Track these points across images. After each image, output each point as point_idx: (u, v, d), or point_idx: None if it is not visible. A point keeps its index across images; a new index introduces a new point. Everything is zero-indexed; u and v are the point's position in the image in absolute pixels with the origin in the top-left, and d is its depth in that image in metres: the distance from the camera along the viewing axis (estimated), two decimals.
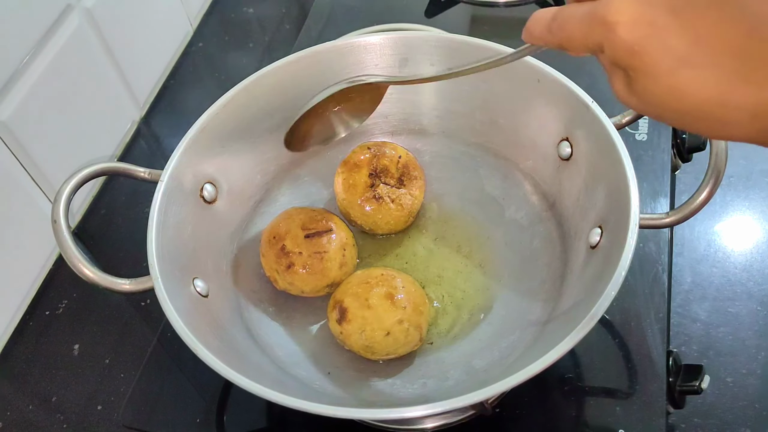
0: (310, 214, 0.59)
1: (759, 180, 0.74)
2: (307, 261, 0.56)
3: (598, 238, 0.53)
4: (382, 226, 0.61)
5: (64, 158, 0.69)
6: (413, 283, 0.56)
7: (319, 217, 0.58)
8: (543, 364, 0.42)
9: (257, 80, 0.60)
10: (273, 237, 0.57)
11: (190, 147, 0.57)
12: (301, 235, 0.57)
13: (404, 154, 0.62)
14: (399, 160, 0.61)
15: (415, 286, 0.56)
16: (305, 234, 0.57)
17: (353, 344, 0.53)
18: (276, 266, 0.57)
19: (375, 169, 0.60)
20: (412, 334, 0.53)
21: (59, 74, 0.67)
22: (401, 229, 0.62)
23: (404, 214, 0.60)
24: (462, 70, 0.44)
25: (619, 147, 0.51)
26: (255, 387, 0.44)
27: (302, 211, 0.59)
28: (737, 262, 0.67)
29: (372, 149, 0.61)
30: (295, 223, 0.58)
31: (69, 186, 0.52)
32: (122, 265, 0.70)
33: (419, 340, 0.54)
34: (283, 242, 0.57)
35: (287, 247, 0.56)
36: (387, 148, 0.61)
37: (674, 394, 0.56)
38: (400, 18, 0.86)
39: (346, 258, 0.58)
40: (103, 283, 0.50)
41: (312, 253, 0.56)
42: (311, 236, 0.56)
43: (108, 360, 0.64)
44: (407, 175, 0.61)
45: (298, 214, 0.59)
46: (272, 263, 0.57)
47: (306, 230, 0.57)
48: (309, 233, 0.57)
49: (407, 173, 0.61)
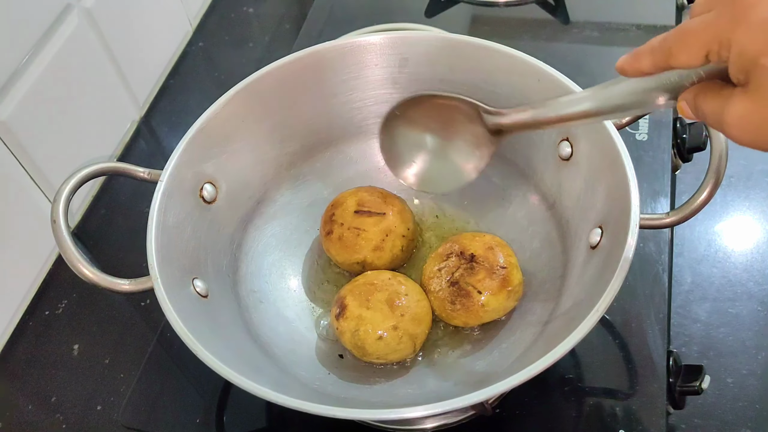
0: (376, 195, 0.60)
1: (759, 180, 0.74)
2: (344, 233, 0.58)
3: (599, 238, 0.53)
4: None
5: (63, 158, 0.69)
6: (419, 293, 0.55)
7: (381, 200, 0.60)
8: (543, 365, 0.42)
9: (257, 80, 0.60)
10: (332, 204, 0.61)
11: (190, 147, 0.57)
12: (353, 209, 0.59)
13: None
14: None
15: (421, 296, 0.55)
16: (356, 209, 0.59)
17: (347, 342, 0.54)
18: (322, 229, 0.61)
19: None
20: (405, 342, 0.53)
21: (59, 74, 0.67)
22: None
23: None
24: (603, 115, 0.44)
25: (619, 147, 0.51)
26: (255, 387, 0.44)
27: (372, 191, 0.61)
28: (738, 263, 0.67)
29: None
30: (356, 198, 0.60)
31: (68, 186, 0.52)
32: (122, 265, 0.70)
33: (413, 351, 0.54)
34: (335, 210, 0.60)
35: (335, 215, 0.60)
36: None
37: (674, 394, 0.56)
38: (400, 18, 0.86)
39: (385, 244, 0.58)
40: (102, 283, 0.50)
41: (351, 227, 0.58)
42: (360, 213, 0.59)
43: (108, 360, 0.64)
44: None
45: (365, 192, 0.61)
46: (321, 226, 0.61)
47: (360, 206, 0.59)
48: (360, 210, 0.59)
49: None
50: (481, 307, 0.54)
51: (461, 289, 0.54)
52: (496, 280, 0.54)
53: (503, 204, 0.63)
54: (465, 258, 0.55)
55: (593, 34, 0.83)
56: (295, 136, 0.64)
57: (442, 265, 0.56)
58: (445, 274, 0.55)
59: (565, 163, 0.59)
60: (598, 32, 0.83)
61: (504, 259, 0.55)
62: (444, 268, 0.56)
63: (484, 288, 0.54)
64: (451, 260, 0.55)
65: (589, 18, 0.85)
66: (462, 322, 0.55)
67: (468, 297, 0.54)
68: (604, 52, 0.81)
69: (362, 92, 0.64)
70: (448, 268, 0.55)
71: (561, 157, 0.59)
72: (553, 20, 0.86)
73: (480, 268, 0.54)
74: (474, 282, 0.54)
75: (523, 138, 0.62)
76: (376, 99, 0.64)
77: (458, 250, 0.56)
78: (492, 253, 0.55)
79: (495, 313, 0.54)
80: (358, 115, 0.65)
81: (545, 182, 0.61)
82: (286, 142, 0.64)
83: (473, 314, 0.54)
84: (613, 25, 0.84)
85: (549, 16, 0.86)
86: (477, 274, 0.54)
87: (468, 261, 0.55)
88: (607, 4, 0.88)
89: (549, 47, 0.82)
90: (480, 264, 0.54)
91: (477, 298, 0.53)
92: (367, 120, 0.66)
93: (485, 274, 0.54)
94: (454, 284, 0.54)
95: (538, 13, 0.86)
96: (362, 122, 0.66)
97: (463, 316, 0.54)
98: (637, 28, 0.83)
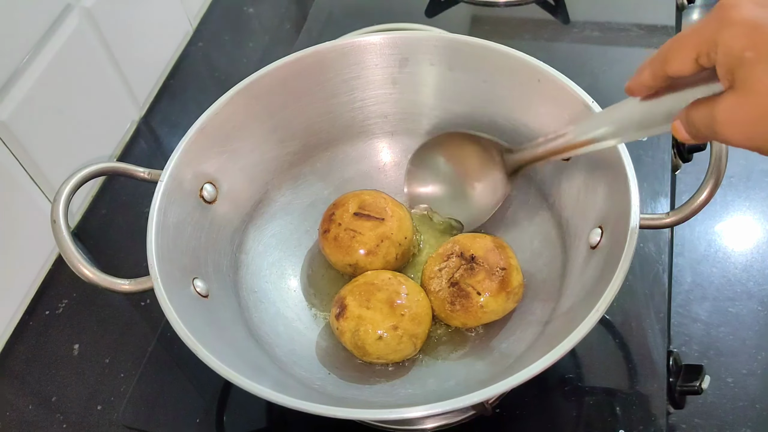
0: (380, 200, 0.60)
1: (759, 180, 0.74)
2: (340, 233, 0.58)
3: (598, 238, 0.53)
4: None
5: (63, 158, 0.69)
6: (420, 293, 0.55)
7: (383, 205, 0.59)
8: (543, 365, 0.42)
9: (257, 80, 0.60)
10: (334, 204, 0.61)
11: (190, 147, 0.57)
12: (354, 211, 0.59)
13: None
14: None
15: (421, 296, 0.55)
16: (356, 212, 0.59)
17: (347, 342, 0.54)
18: (320, 227, 0.61)
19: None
20: (405, 342, 0.53)
21: (59, 74, 0.67)
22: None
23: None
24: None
25: (619, 147, 0.51)
26: (255, 387, 0.44)
27: (377, 196, 0.61)
28: (738, 262, 0.67)
29: None
30: (358, 200, 0.60)
31: (68, 186, 0.52)
32: (122, 265, 0.70)
33: (413, 351, 0.54)
34: (335, 210, 0.60)
35: (335, 215, 0.59)
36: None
37: (675, 394, 0.56)
38: (400, 18, 0.86)
39: (379, 249, 0.58)
40: (102, 283, 0.50)
41: (348, 229, 0.58)
42: (359, 215, 0.58)
43: (108, 360, 0.64)
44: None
45: (369, 196, 0.60)
46: (321, 223, 0.61)
47: (360, 209, 0.59)
48: (360, 212, 0.59)
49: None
50: (480, 309, 0.54)
51: (461, 290, 0.54)
52: (495, 282, 0.54)
53: (503, 204, 0.63)
54: (465, 259, 0.55)
55: (593, 34, 0.83)
56: (295, 136, 0.64)
57: (443, 265, 0.56)
58: (445, 274, 0.55)
59: (565, 163, 0.59)
60: (599, 32, 0.83)
61: (504, 260, 0.55)
62: (444, 268, 0.56)
63: (484, 289, 0.53)
64: (451, 261, 0.55)
65: (589, 18, 0.85)
66: (461, 322, 0.55)
67: (467, 298, 0.54)
68: (604, 52, 0.81)
69: (362, 92, 0.64)
70: (448, 268, 0.55)
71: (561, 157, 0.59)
72: (553, 20, 0.85)
73: (480, 269, 0.54)
74: (474, 283, 0.54)
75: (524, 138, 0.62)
76: (377, 99, 0.64)
77: (459, 250, 0.56)
78: (492, 255, 0.55)
79: (494, 314, 0.54)
80: (358, 115, 0.65)
81: (545, 182, 0.61)
82: (286, 142, 0.64)
83: (472, 315, 0.54)
84: (614, 25, 0.84)
85: (549, 16, 0.86)
86: (477, 275, 0.54)
87: (468, 262, 0.55)
88: (608, 4, 0.88)
89: (549, 47, 0.82)
90: (480, 265, 0.54)
91: (476, 299, 0.53)
92: (368, 120, 0.66)
93: (485, 275, 0.54)
94: (453, 285, 0.54)
95: (538, 13, 0.86)
96: (363, 122, 0.66)
97: (462, 316, 0.54)
98: (638, 28, 0.83)
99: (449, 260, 0.56)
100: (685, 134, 0.37)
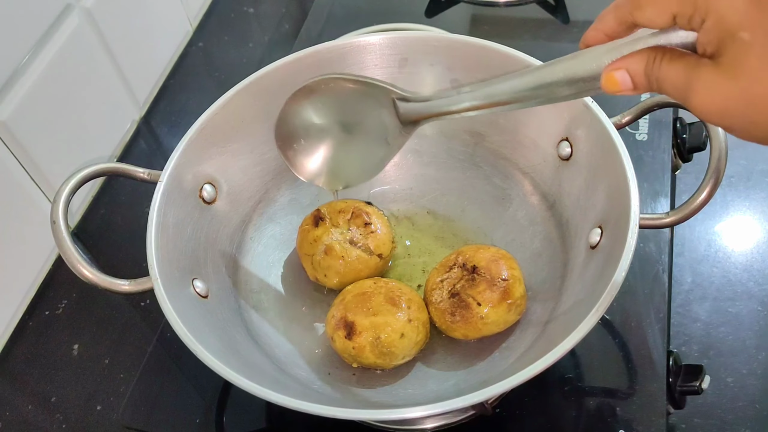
0: (364, 214, 0.59)
1: (759, 180, 0.74)
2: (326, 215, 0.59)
3: (598, 238, 0.53)
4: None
5: (63, 158, 0.69)
6: (405, 285, 0.57)
7: (369, 212, 0.59)
8: (543, 365, 0.42)
9: (257, 80, 0.60)
10: (333, 203, 0.61)
11: (190, 147, 0.57)
12: (345, 214, 0.59)
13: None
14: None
15: (407, 287, 0.56)
16: (349, 217, 0.59)
17: (368, 356, 0.52)
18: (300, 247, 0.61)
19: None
20: (421, 331, 0.53)
21: (59, 74, 0.67)
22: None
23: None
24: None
25: (619, 147, 0.51)
26: (255, 387, 0.44)
27: (370, 211, 0.60)
28: (738, 262, 0.67)
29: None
30: (351, 205, 0.60)
31: (68, 186, 0.52)
32: (122, 265, 0.70)
33: (426, 337, 0.54)
34: (322, 207, 0.60)
35: (321, 210, 0.60)
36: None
37: (674, 394, 0.56)
38: (400, 18, 0.86)
39: (347, 252, 0.57)
40: (102, 283, 0.50)
41: (332, 215, 0.59)
42: (350, 217, 0.59)
43: (107, 360, 0.64)
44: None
45: (367, 208, 0.60)
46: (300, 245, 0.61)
47: (353, 214, 0.59)
48: (350, 216, 0.59)
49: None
50: (481, 320, 0.53)
51: (461, 301, 0.53)
52: (496, 293, 0.53)
53: (503, 204, 0.63)
54: (467, 270, 0.54)
55: None
56: None
57: (445, 276, 0.55)
58: (446, 285, 0.55)
59: (565, 163, 0.59)
60: None
61: (507, 272, 0.54)
62: (446, 279, 0.55)
63: (484, 300, 0.53)
64: (453, 272, 0.55)
65: (589, 18, 0.85)
66: (462, 334, 0.54)
67: (468, 309, 0.53)
68: None
69: None
70: (450, 279, 0.55)
71: (561, 157, 0.59)
72: (553, 20, 0.85)
73: (481, 279, 0.53)
74: (474, 294, 0.53)
75: (524, 138, 0.62)
76: None
77: (461, 261, 0.55)
78: (495, 266, 0.54)
79: (495, 326, 0.54)
80: None
81: (545, 182, 0.61)
82: None
83: (472, 326, 0.53)
84: None
85: (549, 16, 0.86)
86: (478, 285, 0.53)
87: (470, 273, 0.54)
88: (608, 4, 0.87)
89: (549, 47, 0.82)
90: (481, 276, 0.53)
91: (477, 310, 0.53)
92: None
93: (486, 285, 0.53)
94: (454, 296, 0.54)
95: (538, 13, 0.86)
96: None
97: (463, 328, 0.54)
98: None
99: (451, 271, 0.55)
100: (625, 83, 0.32)
